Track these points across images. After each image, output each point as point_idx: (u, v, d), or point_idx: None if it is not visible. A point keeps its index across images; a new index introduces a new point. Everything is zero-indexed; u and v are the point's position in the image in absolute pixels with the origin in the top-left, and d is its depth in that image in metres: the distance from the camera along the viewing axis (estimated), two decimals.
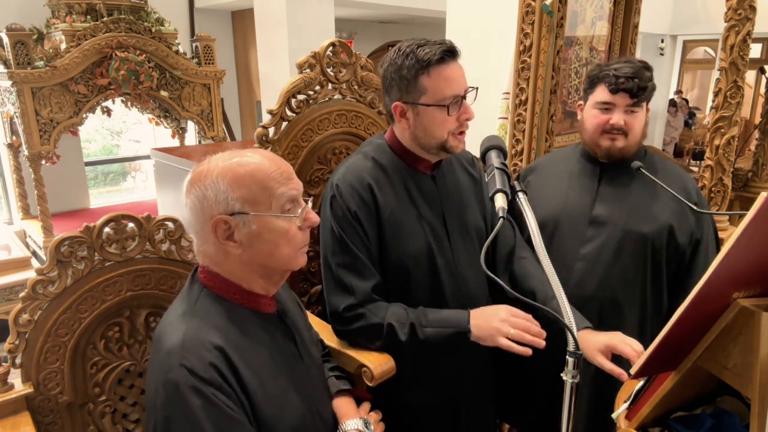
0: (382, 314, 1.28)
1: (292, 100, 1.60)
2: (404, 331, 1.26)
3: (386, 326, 1.26)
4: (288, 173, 1.01)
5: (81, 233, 1.25)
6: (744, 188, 3.25)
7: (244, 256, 0.99)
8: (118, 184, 6.21)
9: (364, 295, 1.29)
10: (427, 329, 1.26)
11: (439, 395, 1.41)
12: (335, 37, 2.12)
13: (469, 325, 1.25)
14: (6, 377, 1.20)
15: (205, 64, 4.02)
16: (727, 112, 2.01)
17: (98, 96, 3.54)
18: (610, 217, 1.49)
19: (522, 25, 2.05)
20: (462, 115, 1.28)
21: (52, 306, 1.24)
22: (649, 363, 0.89)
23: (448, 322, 1.27)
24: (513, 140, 2.18)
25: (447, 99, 1.24)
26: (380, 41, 7.81)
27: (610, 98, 1.45)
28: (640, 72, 1.43)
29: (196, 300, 1.00)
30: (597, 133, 1.49)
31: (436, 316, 1.28)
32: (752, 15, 1.91)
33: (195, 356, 0.90)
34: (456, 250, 1.38)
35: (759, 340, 0.76)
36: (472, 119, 1.30)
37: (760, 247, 0.76)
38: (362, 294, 1.28)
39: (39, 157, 3.39)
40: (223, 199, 0.95)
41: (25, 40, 3.18)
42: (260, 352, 1.00)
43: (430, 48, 1.23)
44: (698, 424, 0.91)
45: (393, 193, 1.34)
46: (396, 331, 1.26)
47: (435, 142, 1.30)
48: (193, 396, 0.88)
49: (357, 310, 1.29)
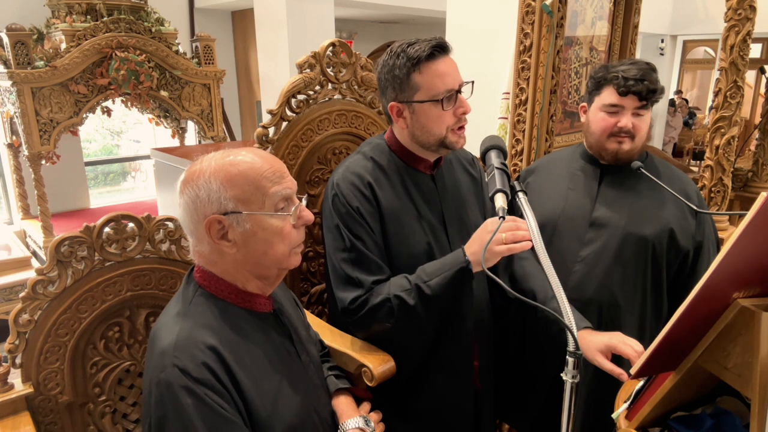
0: (385, 291, 1.27)
1: (292, 100, 1.60)
2: (411, 295, 1.25)
3: (393, 298, 1.25)
4: (281, 172, 1.01)
5: (81, 233, 1.25)
6: (744, 188, 3.25)
7: (238, 256, 0.99)
8: (118, 184, 6.21)
9: (371, 287, 1.28)
10: (431, 282, 1.25)
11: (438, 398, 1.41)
12: (335, 37, 2.12)
13: (466, 257, 1.24)
14: (6, 377, 1.20)
15: (205, 64, 4.02)
16: (727, 112, 2.01)
17: (98, 96, 3.54)
18: (611, 220, 1.48)
19: (522, 25, 2.05)
20: (458, 109, 1.28)
21: (52, 306, 1.24)
22: (649, 363, 0.89)
23: (447, 264, 1.26)
24: (513, 140, 2.18)
25: (440, 94, 1.24)
26: (380, 41, 7.81)
27: (619, 101, 1.43)
28: (649, 74, 1.41)
29: (191, 300, 1.00)
30: (604, 135, 1.47)
31: (433, 267, 1.28)
32: (752, 15, 1.91)
33: (188, 356, 0.91)
34: (455, 248, 1.38)
35: (759, 340, 0.76)
36: (468, 112, 1.30)
37: (760, 247, 0.76)
38: (369, 286, 1.28)
39: (39, 157, 3.38)
40: (216, 199, 0.95)
41: (25, 40, 3.18)
42: (255, 352, 1.00)
43: (420, 45, 1.23)
44: (698, 424, 0.91)
45: (392, 192, 1.34)
46: (404, 299, 1.25)
47: (434, 139, 1.30)
48: (186, 396, 0.88)
49: (362, 299, 1.28)
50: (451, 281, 1.25)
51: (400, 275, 1.30)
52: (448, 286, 1.25)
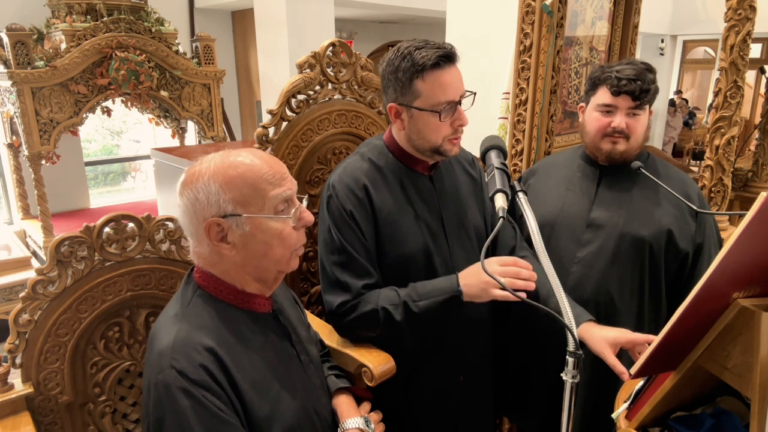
0: (374, 300, 1.28)
1: (292, 100, 1.60)
2: (398, 311, 1.26)
3: (381, 310, 1.27)
4: (281, 174, 1.01)
5: (81, 233, 1.25)
6: (744, 188, 3.24)
7: (237, 258, 0.99)
8: (118, 184, 6.21)
9: (359, 292, 1.29)
10: (420, 302, 1.26)
11: (436, 391, 1.41)
12: (335, 37, 2.12)
13: (460, 287, 1.26)
14: (6, 377, 1.20)
15: (205, 64, 4.02)
16: (727, 112, 2.01)
17: (98, 96, 3.54)
18: (608, 221, 1.48)
19: (522, 25, 2.05)
20: (455, 121, 1.27)
21: (52, 306, 1.24)
22: (649, 363, 0.89)
23: (439, 289, 1.28)
24: (513, 140, 2.17)
25: (440, 105, 1.24)
26: (380, 41, 7.82)
27: (612, 101, 1.43)
28: (643, 74, 1.41)
29: (189, 301, 1.00)
30: (598, 135, 1.47)
31: (425, 288, 1.29)
32: (752, 15, 1.91)
33: (185, 358, 0.91)
34: (454, 250, 1.38)
35: (759, 340, 0.76)
36: (465, 125, 1.30)
37: (760, 247, 0.76)
38: (357, 291, 1.29)
39: (39, 157, 3.39)
40: (215, 202, 0.95)
41: (25, 40, 3.18)
42: (253, 353, 1.00)
43: (427, 52, 1.22)
44: (698, 424, 0.91)
45: (389, 194, 1.34)
46: (391, 313, 1.26)
47: (428, 146, 1.30)
48: (183, 397, 0.88)
49: (351, 304, 1.29)
50: (440, 306, 1.27)
51: (391, 287, 1.30)
52: (437, 309, 1.27)
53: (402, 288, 1.30)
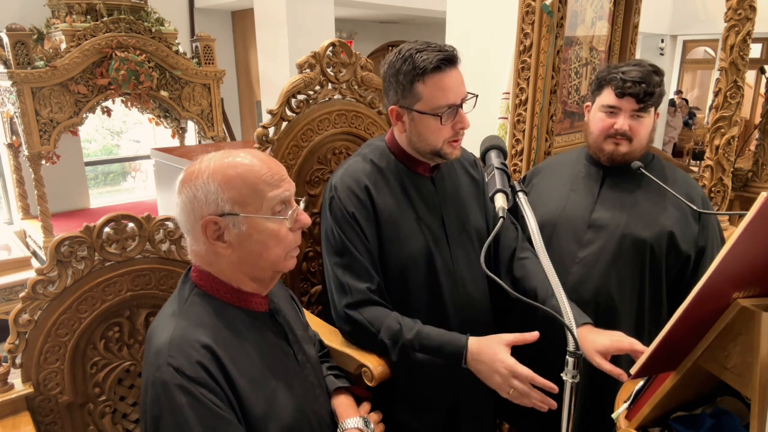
0: (377, 325, 1.27)
1: (292, 100, 1.60)
2: (395, 351, 1.25)
3: (379, 341, 1.27)
4: (280, 175, 1.01)
5: (81, 233, 1.25)
6: (744, 188, 3.24)
7: (233, 257, 0.99)
8: (118, 184, 6.21)
9: (360, 294, 1.29)
10: (419, 354, 1.24)
11: (436, 395, 1.41)
12: (335, 37, 2.12)
13: (465, 364, 1.21)
14: (6, 377, 1.20)
15: (205, 64, 4.02)
16: (727, 112, 2.01)
17: (98, 96, 3.54)
18: (610, 221, 1.47)
19: (522, 25, 2.05)
20: (456, 124, 1.27)
21: (52, 306, 1.24)
22: (649, 363, 0.89)
23: (442, 349, 1.23)
24: (513, 140, 2.18)
25: (441, 108, 1.23)
26: (380, 41, 7.82)
27: (616, 102, 1.42)
28: (649, 76, 1.40)
29: (186, 299, 1.01)
30: (601, 136, 1.47)
31: (430, 340, 1.24)
32: (752, 15, 1.91)
33: (182, 355, 0.91)
34: (455, 251, 1.38)
35: (759, 340, 0.76)
36: (467, 128, 1.29)
37: (760, 247, 0.76)
38: (358, 294, 1.28)
39: (39, 157, 3.38)
40: (213, 200, 0.96)
41: (25, 40, 3.18)
42: (250, 351, 1.01)
43: (428, 55, 1.21)
44: (698, 424, 0.91)
45: (391, 195, 1.34)
46: (388, 348, 1.25)
47: (429, 149, 1.30)
48: (181, 394, 0.89)
49: (355, 313, 1.28)
50: (438, 366, 1.25)
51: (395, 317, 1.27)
52: (433, 366, 1.26)
53: (407, 319, 1.27)
